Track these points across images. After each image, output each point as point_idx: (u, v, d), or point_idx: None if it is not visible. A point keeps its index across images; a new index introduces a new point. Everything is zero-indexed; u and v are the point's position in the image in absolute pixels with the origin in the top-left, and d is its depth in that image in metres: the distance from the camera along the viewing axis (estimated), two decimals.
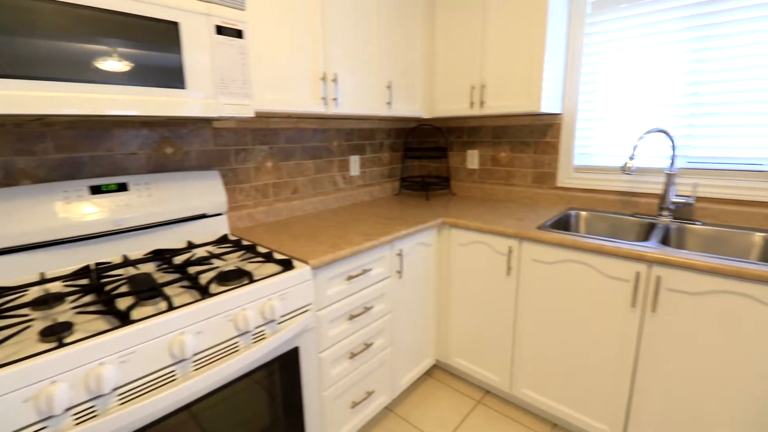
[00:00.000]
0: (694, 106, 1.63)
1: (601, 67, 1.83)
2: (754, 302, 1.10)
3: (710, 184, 1.60)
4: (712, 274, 1.15)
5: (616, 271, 1.32)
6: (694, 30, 1.59)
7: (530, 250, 1.52)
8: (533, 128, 2.05)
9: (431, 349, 1.90)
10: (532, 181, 2.09)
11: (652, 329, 1.28)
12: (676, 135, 1.67)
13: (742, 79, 1.52)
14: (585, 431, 1.54)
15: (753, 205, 1.52)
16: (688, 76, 1.62)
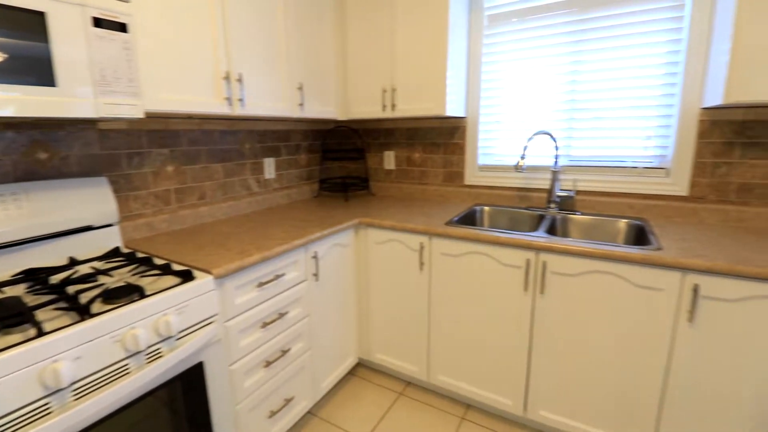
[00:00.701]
0: (572, 111, 1.87)
1: (499, 75, 2.01)
2: (618, 279, 1.30)
3: (587, 179, 1.85)
4: (585, 257, 1.34)
5: (510, 260, 1.47)
6: (570, 45, 1.82)
7: (439, 245, 1.62)
8: (442, 130, 2.18)
9: (353, 348, 1.92)
10: (444, 179, 2.22)
11: (542, 309, 1.45)
12: (559, 137, 1.90)
13: (607, 89, 1.77)
14: (494, 407, 1.69)
15: (619, 196, 1.79)
16: (567, 85, 1.85)
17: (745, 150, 1.56)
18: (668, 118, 1.69)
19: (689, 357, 1.24)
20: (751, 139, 1.54)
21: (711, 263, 1.15)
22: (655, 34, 1.66)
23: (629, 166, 1.79)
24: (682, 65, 1.61)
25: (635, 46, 1.70)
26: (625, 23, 1.70)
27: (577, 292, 1.38)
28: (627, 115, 1.76)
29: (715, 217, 1.62)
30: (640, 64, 1.70)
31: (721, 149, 1.59)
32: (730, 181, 1.59)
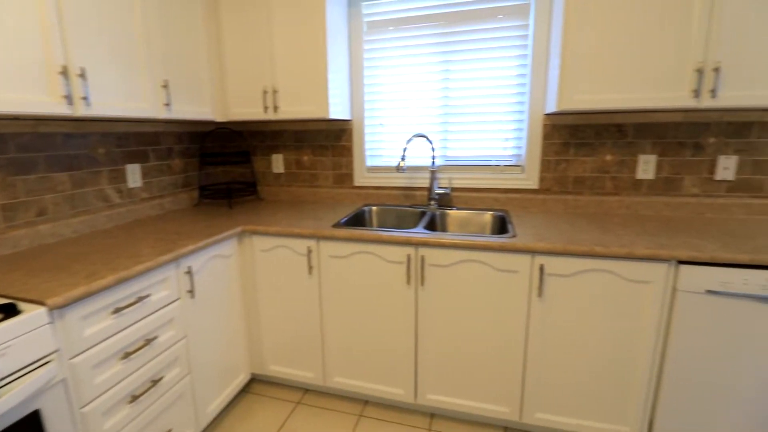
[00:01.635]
0: (446, 116, 2.04)
1: (381, 80, 2.09)
2: (483, 266, 1.46)
3: (460, 176, 2.03)
4: (455, 248, 1.47)
5: (393, 256, 1.54)
6: (440, 54, 1.97)
7: (327, 248, 1.62)
8: (329, 133, 2.19)
9: (245, 364, 1.82)
10: (334, 182, 2.24)
11: (424, 299, 1.55)
12: (435, 139, 2.06)
13: (473, 96, 1.98)
14: (389, 399, 1.76)
15: (487, 191, 2.01)
16: (440, 91, 2.01)
17: (578, 149, 1.88)
18: (521, 122, 1.95)
19: (541, 325, 1.45)
20: (581, 140, 1.87)
21: (551, 245, 1.37)
22: (507, 49, 1.90)
23: (494, 165, 2.02)
24: (529, 77, 1.87)
25: (493, 59, 1.92)
26: (484, 38, 1.91)
27: (452, 281, 1.51)
28: (490, 120, 1.99)
29: (559, 206, 1.93)
30: (497, 74, 1.93)
31: (561, 149, 1.90)
32: (568, 175, 1.90)
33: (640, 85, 1.49)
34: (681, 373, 1.35)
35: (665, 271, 1.30)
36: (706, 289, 1.27)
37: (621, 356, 1.41)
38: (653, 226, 1.59)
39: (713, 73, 1.42)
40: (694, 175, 1.77)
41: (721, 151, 1.73)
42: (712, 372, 1.32)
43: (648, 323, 1.35)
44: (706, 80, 1.43)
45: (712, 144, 1.74)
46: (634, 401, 1.42)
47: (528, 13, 1.85)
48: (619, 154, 1.83)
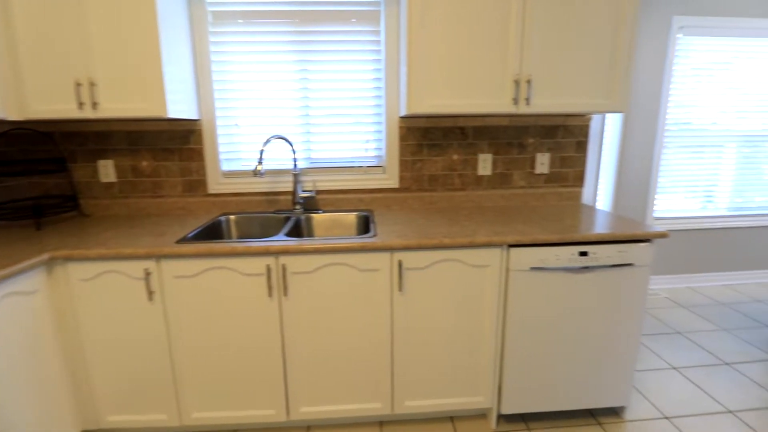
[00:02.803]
0: (308, 117, 1.98)
1: (234, 76, 1.91)
2: (347, 267, 1.45)
3: (325, 179, 2.00)
4: (317, 253, 1.42)
5: (251, 269, 1.42)
6: (297, 53, 1.91)
7: (171, 268, 1.40)
8: (174, 134, 1.92)
9: (71, 422, 1.46)
10: (184, 190, 1.97)
11: (289, 310, 1.47)
12: (297, 140, 1.99)
13: (334, 97, 1.96)
14: (260, 423, 1.63)
15: (352, 192, 2.02)
16: (300, 91, 1.95)
17: (430, 150, 2.03)
18: (379, 125, 2.02)
19: (404, 318, 1.52)
20: (432, 141, 2.02)
21: (407, 241, 1.43)
22: (363, 53, 1.94)
23: (357, 166, 2.05)
24: (384, 81, 1.95)
25: (350, 61, 1.94)
26: (340, 40, 1.91)
27: (318, 287, 1.46)
28: (351, 122, 2.01)
29: (418, 203, 2.06)
30: (355, 77, 1.96)
31: (416, 149, 2.02)
32: (423, 174, 2.05)
33: (475, 92, 1.67)
34: (518, 338, 1.56)
35: (500, 255, 1.49)
36: (530, 266, 1.50)
37: (472, 334, 1.56)
38: (492, 216, 1.81)
39: (527, 84, 1.68)
40: (521, 170, 2.09)
41: (538, 150, 2.08)
42: (541, 332, 1.56)
43: (490, 301, 1.53)
44: (522, 90, 1.69)
45: (531, 144, 2.07)
46: (485, 372, 1.60)
47: (379, 19, 1.91)
48: (463, 154, 2.04)
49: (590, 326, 1.57)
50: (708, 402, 1.80)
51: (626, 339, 1.60)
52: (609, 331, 1.58)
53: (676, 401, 1.81)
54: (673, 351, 2.20)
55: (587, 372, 1.61)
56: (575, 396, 1.63)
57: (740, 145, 2.99)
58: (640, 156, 2.89)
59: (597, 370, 1.62)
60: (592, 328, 1.57)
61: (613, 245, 1.51)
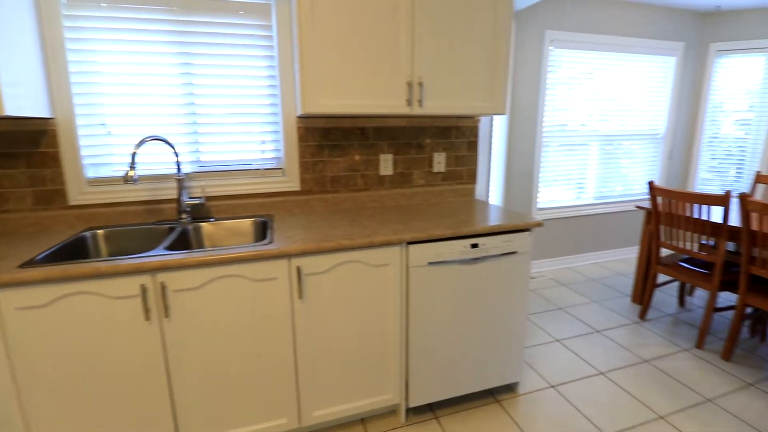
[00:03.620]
0: (194, 116, 1.80)
1: (100, 68, 1.65)
2: (240, 279, 1.34)
3: (217, 183, 1.85)
4: (205, 266, 1.29)
5: (121, 291, 1.23)
6: (178, 45, 1.71)
7: (12, 298, 1.15)
8: (18, 136, 1.59)
9: None
10: (35, 202, 1.65)
11: (172, 334, 1.31)
12: (181, 142, 1.79)
13: (224, 95, 1.81)
14: None
15: (250, 197, 1.90)
16: (183, 88, 1.75)
17: (331, 150, 1.99)
18: (276, 125, 1.92)
19: (306, 325, 1.46)
20: (333, 142, 1.99)
21: (304, 246, 1.38)
22: (254, 48, 1.82)
23: (254, 168, 1.93)
24: (278, 79, 1.86)
25: (241, 56, 1.81)
26: (227, 33, 1.77)
27: (206, 304, 1.33)
28: (245, 121, 1.88)
29: (321, 205, 2.01)
30: (247, 74, 1.83)
31: (316, 150, 1.97)
32: (325, 175, 2.01)
33: (370, 93, 1.68)
34: (420, 332, 1.61)
35: (399, 253, 1.52)
36: (428, 261, 1.55)
37: (377, 333, 1.57)
38: (394, 215, 1.84)
39: (419, 86, 1.74)
40: (420, 169, 2.17)
41: (435, 150, 2.18)
42: (441, 323, 1.64)
43: (392, 299, 1.55)
44: (415, 92, 1.74)
45: (428, 144, 2.16)
46: (392, 368, 1.62)
47: (270, 14, 1.82)
48: (365, 154, 2.05)
49: (484, 312, 1.69)
50: (585, 367, 2.07)
51: (515, 319, 1.76)
52: (500, 314, 1.72)
53: (560, 370, 2.04)
54: (557, 325, 2.49)
55: (484, 355, 1.74)
56: (476, 379, 1.75)
57: (602, 144, 3.51)
58: (524, 155, 3.23)
59: (493, 352, 1.75)
60: (485, 313, 1.70)
61: (499, 236, 1.65)
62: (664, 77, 3.61)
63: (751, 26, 3.48)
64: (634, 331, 2.43)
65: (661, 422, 1.69)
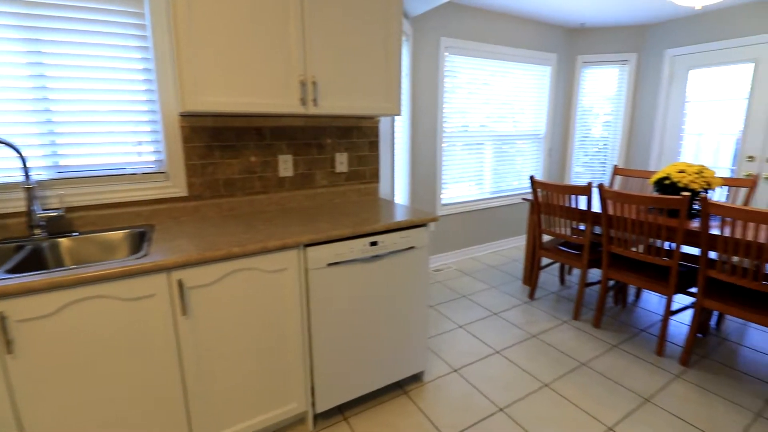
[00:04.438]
0: (49, 113, 1.53)
1: None
2: (107, 300, 1.18)
3: (83, 192, 1.60)
4: (53, 289, 1.11)
5: None
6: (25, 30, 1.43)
7: None
8: None
9: None
10: None
11: (20, 374, 1.10)
12: (33, 144, 1.52)
13: (89, 91, 1.57)
14: None
15: (124, 206, 1.68)
16: (31, 80, 1.48)
17: (223, 151, 1.86)
18: (155, 124, 1.73)
19: (194, 344, 1.34)
20: (224, 143, 1.86)
21: (186, 257, 1.26)
22: (124, 38, 1.61)
23: (129, 173, 1.71)
24: (155, 74, 1.67)
25: (108, 47, 1.58)
26: (90, 20, 1.54)
27: (62, 335, 1.14)
28: (116, 121, 1.65)
29: (214, 211, 1.87)
30: (117, 66, 1.61)
31: (205, 152, 1.82)
32: (218, 179, 1.87)
33: (260, 91, 1.60)
34: (324, 335, 1.59)
35: (297, 256, 1.48)
36: (327, 262, 1.54)
37: (278, 342, 1.51)
38: (294, 217, 1.79)
39: (312, 85, 1.71)
40: (322, 170, 2.14)
41: (336, 150, 2.17)
42: (345, 323, 1.63)
43: (292, 304, 1.50)
44: (309, 91, 1.70)
45: (329, 144, 2.14)
46: (296, 376, 1.57)
47: (142, 1, 1.63)
48: (262, 155, 1.95)
49: (387, 307, 1.73)
50: (483, 348, 2.25)
51: (417, 311, 1.83)
52: (403, 307, 1.78)
53: (462, 353, 2.19)
54: (460, 312, 2.67)
55: (390, 349, 1.78)
56: (383, 374, 1.78)
57: (497, 144, 3.85)
58: (427, 154, 3.39)
59: (398, 345, 1.80)
60: (388, 308, 1.74)
61: (397, 232, 1.70)
62: (543, 84, 4.09)
63: (608, 42, 4.12)
64: (524, 311, 2.71)
65: (545, 389, 1.90)
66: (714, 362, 2.12)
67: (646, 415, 1.73)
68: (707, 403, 1.80)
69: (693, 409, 1.77)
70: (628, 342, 2.32)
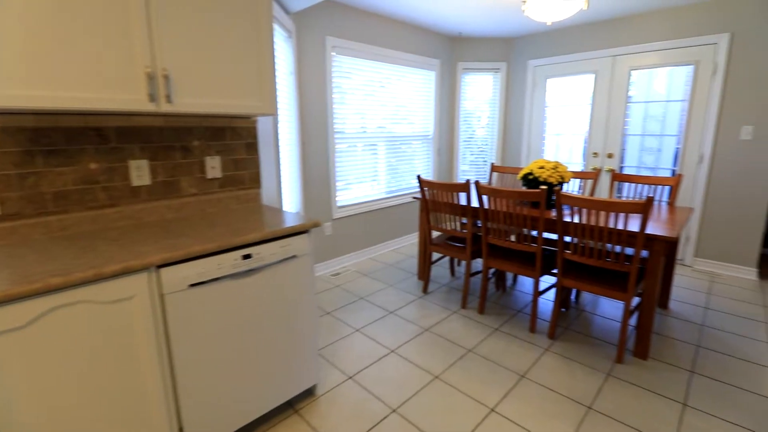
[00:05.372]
0: None
1: None
2: None
3: None
4: None
5: None
6: None
7: None
8: None
9: None
10: None
11: None
12: None
13: None
14: None
15: None
16: None
17: (49, 158, 1.51)
18: None
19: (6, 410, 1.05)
20: (50, 147, 1.51)
21: None
22: None
23: None
24: None
25: None
26: None
27: None
28: None
29: (41, 232, 1.51)
30: None
31: (23, 159, 1.46)
32: (43, 192, 1.51)
33: (93, 85, 1.32)
34: (192, 367, 1.39)
35: (146, 280, 1.26)
36: (189, 283, 1.34)
37: (129, 384, 1.27)
38: (149, 233, 1.54)
39: (164, 79, 1.48)
40: (189, 176, 1.90)
41: (206, 153, 1.94)
42: (219, 349, 1.45)
43: (145, 339, 1.28)
44: (160, 86, 1.47)
45: (197, 147, 1.91)
46: (156, 416, 1.35)
47: None
48: (105, 161, 1.64)
49: (269, 324, 1.60)
50: (379, 349, 2.24)
51: (304, 323, 1.73)
52: (287, 321, 1.66)
53: (358, 358, 2.15)
54: (357, 315, 2.64)
55: (276, 367, 1.65)
56: (270, 396, 1.64)
57: (391, 144, 3.92)
58: (319, 156, 3.30)
59: (285, 362, 1.68)
60: (270, 325, 1.60)
61: (276, 242, 1.57)
62: (429, 88, 4.30)
63: (483, 51, 4.51)
64: (419, 305, 2.80)
65: (436, 381, 1.97)
66: (574, 332, 2.44)
67: (523, 390, 1.90)
68: (569, 371, 2.06)
69: (558, 377, 2.00)
70: (508, 323, 2.54)
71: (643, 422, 1.69)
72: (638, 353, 2.18)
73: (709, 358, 2.15)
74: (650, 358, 2.16)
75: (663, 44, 3.49)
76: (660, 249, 2.03)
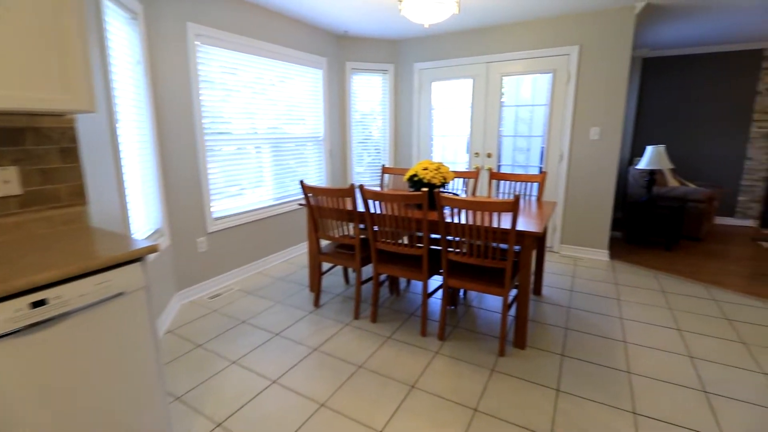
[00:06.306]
0: None
1: None
2: None
3: None
4: None
5: None
6: None
7: None
8: None
9: None
10: None
11: None
12: None
13: None
14: None
15: None
16: None
17: None
18: None
19: None
20: None
21: None
22: None
23: None
24: None
25: None
26: None
27: None
28: None
29: None
30: None
31: None
32: None
33: None
34: None
35: None
36: None
37: None
38: None
39: None
40: None
41: None
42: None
43: None
44: None
45: None
46: None
47: None
48: None
49: (95, 382, 1.22)
50: (258, 382, 1.97)
51: (144, 374, 1.38)
52: (118, 377, 1.30)
53: (231, 398, 1.85)
54: (236, 343, 2.32)
55: None
56: None
57: (276, 148, 3.60)
58: (185, 163, 2.84)
59: (125, 425, 1.32)
60: (94, 387, 1.23)
61: (88, 278, 1.21)
62: (317, 87, 4.09)
63: (370, 52, 4.45)
64: (309, 321, 2.58)
65: (321, 410, 1.78)
66: (462, 330, 2.47)
67: (413, 402, 1.82)
68: (457, 372, 2.05)
69: (447, 382, 1.97)
70: (400, 330, 2.48)
71: (522, 416, 1.74)
72: (517, 343, 2.29)
73: (576, 340, 2.36)
74: (528, 347, 2.28)
75: (527, 53, 3.83)
76: (530, 243, 2.14)
